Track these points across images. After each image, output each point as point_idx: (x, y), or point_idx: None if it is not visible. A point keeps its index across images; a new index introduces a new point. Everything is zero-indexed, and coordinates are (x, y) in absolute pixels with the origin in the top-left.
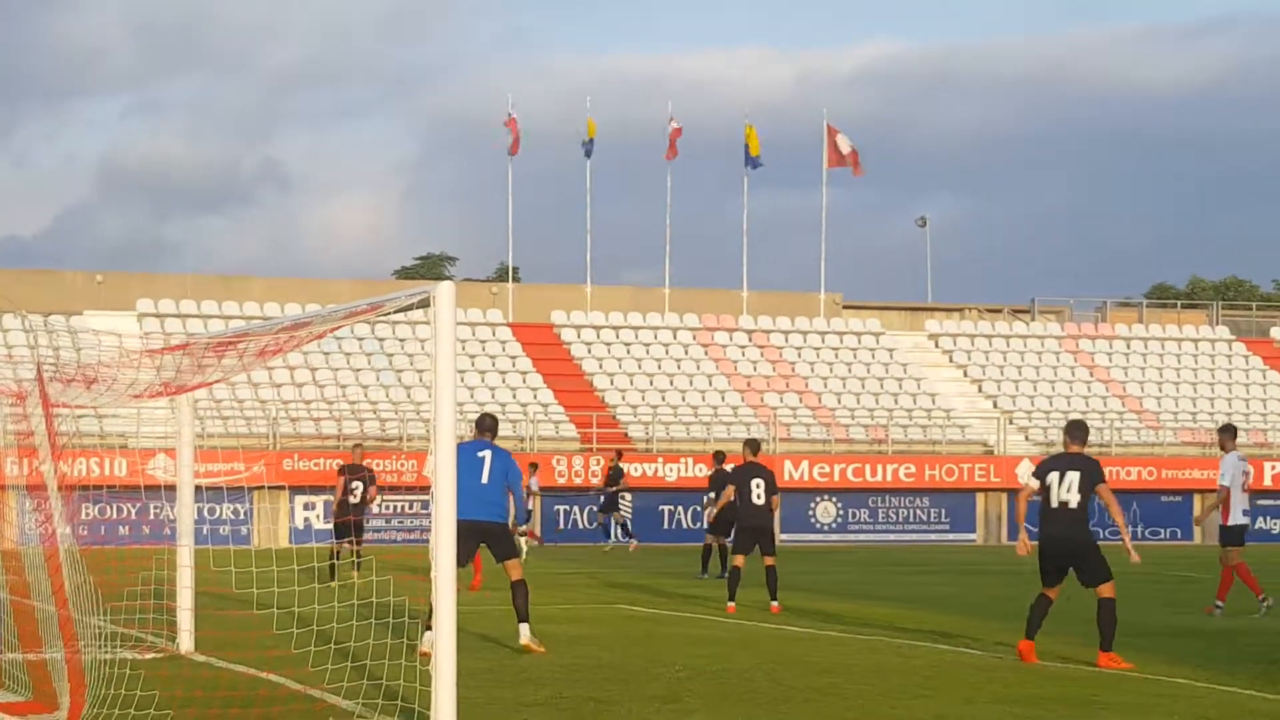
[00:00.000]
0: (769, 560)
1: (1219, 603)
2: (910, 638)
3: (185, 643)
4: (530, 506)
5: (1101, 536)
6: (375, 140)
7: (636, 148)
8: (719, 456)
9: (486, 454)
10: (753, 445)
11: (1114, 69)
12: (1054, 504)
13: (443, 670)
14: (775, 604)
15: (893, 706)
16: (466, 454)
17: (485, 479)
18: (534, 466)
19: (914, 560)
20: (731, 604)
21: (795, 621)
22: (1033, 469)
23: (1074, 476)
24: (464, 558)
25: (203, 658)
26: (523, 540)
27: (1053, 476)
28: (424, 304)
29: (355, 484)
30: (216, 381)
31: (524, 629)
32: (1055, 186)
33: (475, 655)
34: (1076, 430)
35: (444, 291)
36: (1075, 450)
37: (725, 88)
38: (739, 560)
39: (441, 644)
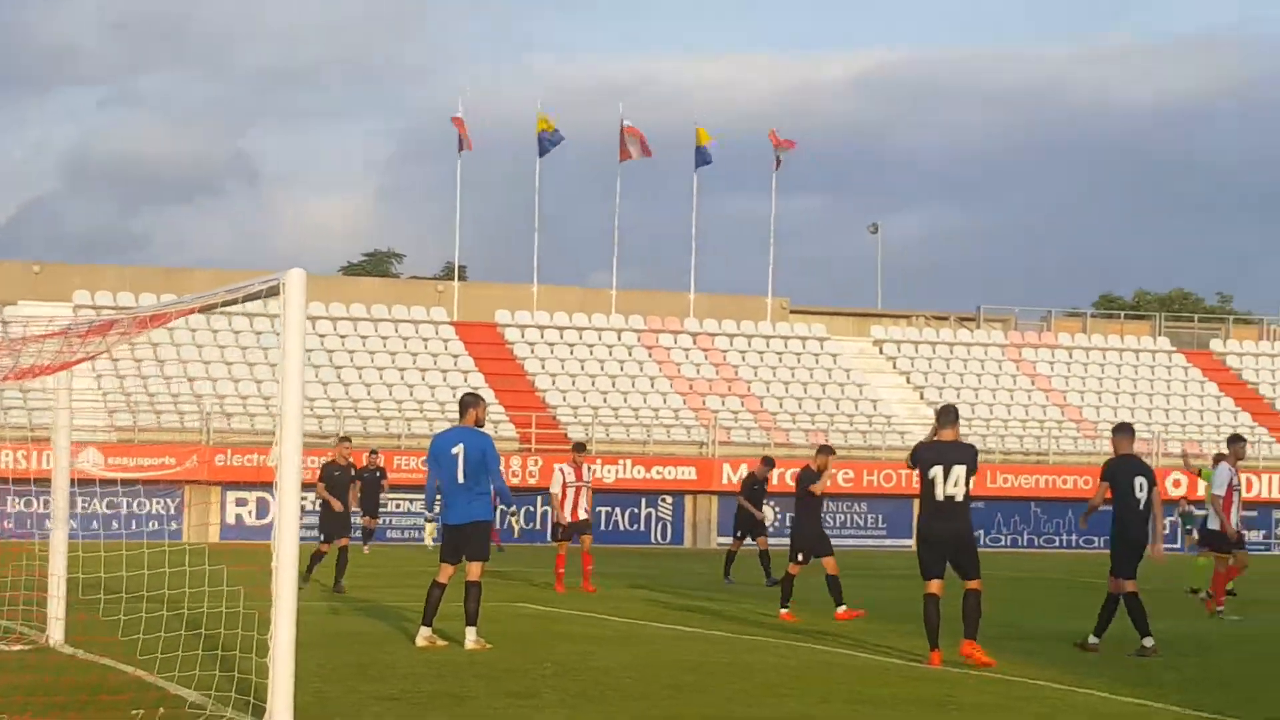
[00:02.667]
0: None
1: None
2: (798, 639)
3: (56, 633)
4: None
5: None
6: (343, 139)
7: (593, 150)
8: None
9: (460, 448)
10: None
11: (1075, 86)
12: (940, 498)
13: (280, 664)
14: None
15: (747, 705)
16: (442, 449)
17: (462, 477)
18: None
19: (847, 565)
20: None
21: (690, 621)
22: (909, 455)
23: (960, 471)
24: (452, 557)
25: (70, 649)
26: (512, 519)
27: (937, 470)
28: (274, 293)
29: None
30: (58, 368)
31: (470, 632)
32: (1013, 198)
33: (348, 649)
34: (948, 415)
35: (294, 280)
36: (951, 437)
37: (685, 92)
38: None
39: (280, 637)
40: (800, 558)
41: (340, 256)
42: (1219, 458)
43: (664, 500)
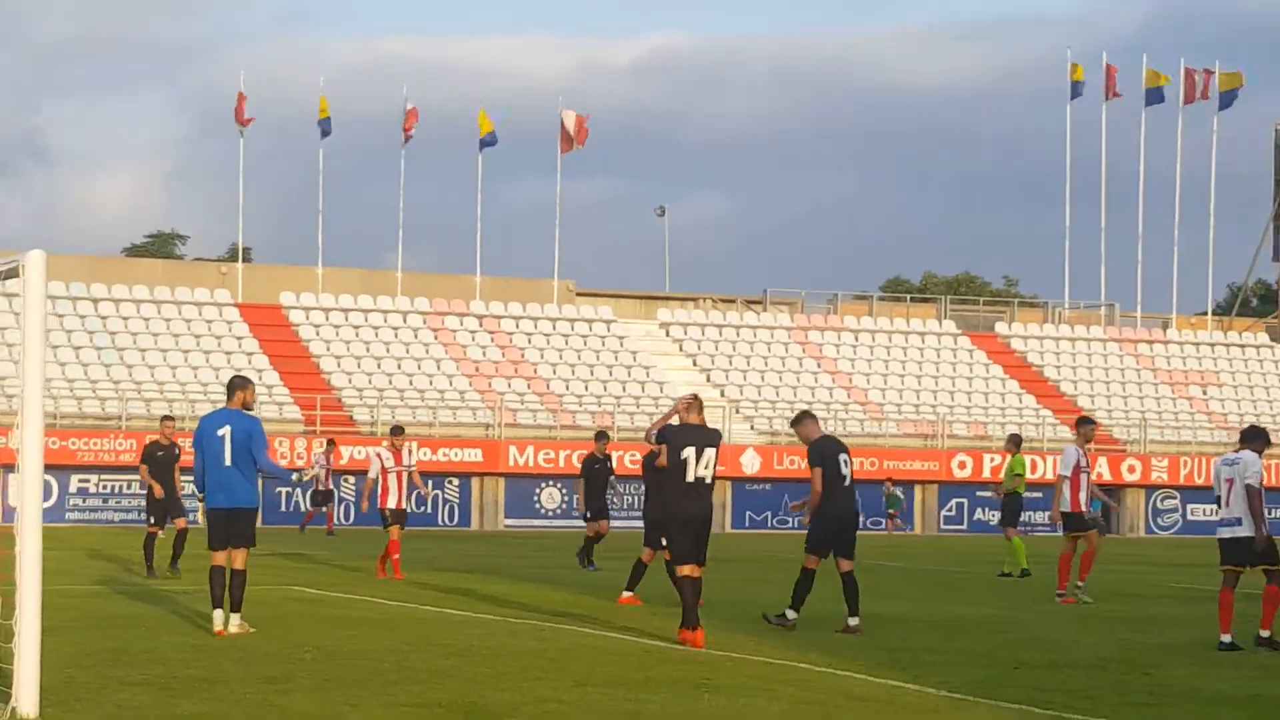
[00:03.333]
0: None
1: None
2: (566, 622)
3: None
4: (327, 486)
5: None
6: (133, 117)
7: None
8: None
9: (226, 431)
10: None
11: (864, 70)
12: (690, 479)
13: (25, 649)
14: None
15: (500, 689)
16: (208, 432)
17: (228, 460)
18: (330, 443)
19: (632, 547)
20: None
21: (462, 605)
22: (657, 433)
23: (711, 454)
24: (218, 543)
25: None
26: (309, 476)
27: (690, 452)
28: (13, 274)
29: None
30: None
31: (235, 618)
32: (803, 182)
33: (111, 634)
34: (698, 402)
35: (33, 261)
36: (699, 421)
37: (471, 73)
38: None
39: (25, 622)
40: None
41: (127, 237)
42: (1013, 441)
43: (450, 482)
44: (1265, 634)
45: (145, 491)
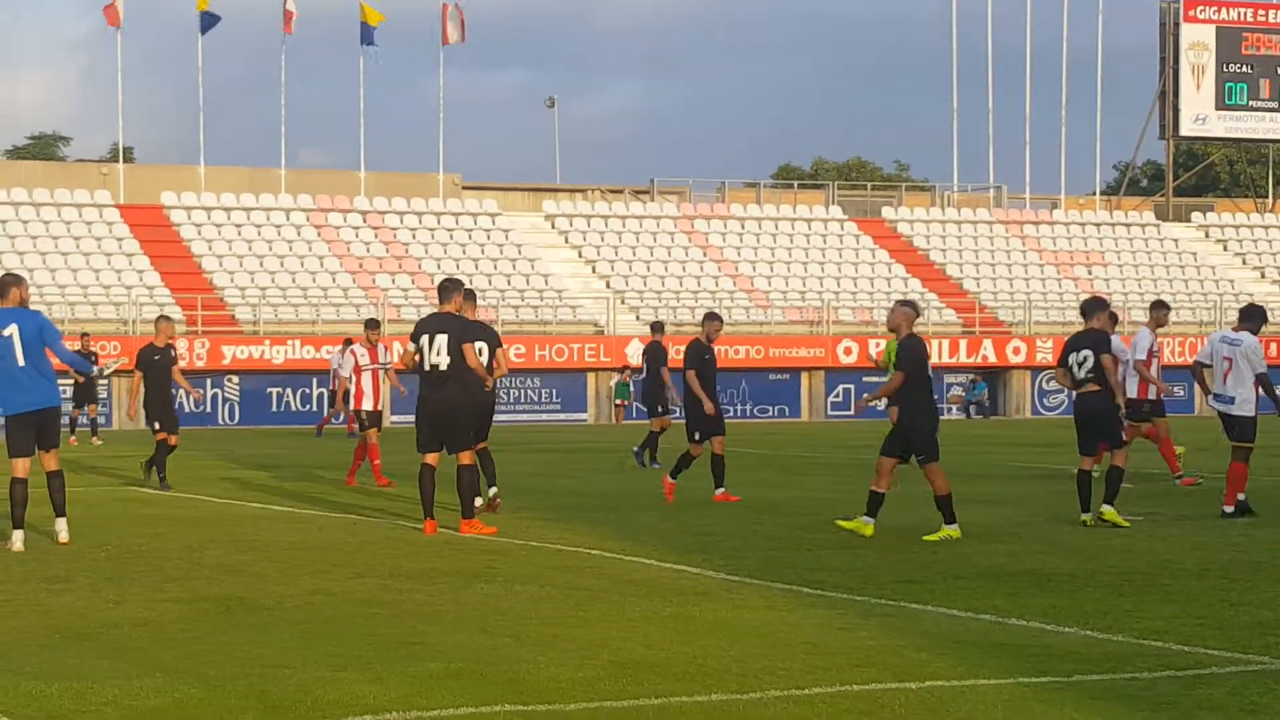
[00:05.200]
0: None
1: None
2: (382, 517)
3: None
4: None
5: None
6: (26, 15)
7: (257, 27)
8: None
9: (13, 330)
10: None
11: None
12: (426, 366)
13: None
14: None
15: (277, 583)
16: None
17: (21, 360)
18: (348, 343)
19: (521, 441)
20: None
21: (287, 502)
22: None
23: (442, 340)
24: (24, 449)
25: None
26: (110, 371)
27: (424, 340)
28: None
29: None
30: None
31: (61, 524)
32: (698, 71)
33: None
34: (444, 290)
35: None
36: (456, 310)
37: None
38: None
39: None
40: (697, 437)
41: (9, 140)
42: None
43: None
44: (1229, 509)
45: (144, 397)
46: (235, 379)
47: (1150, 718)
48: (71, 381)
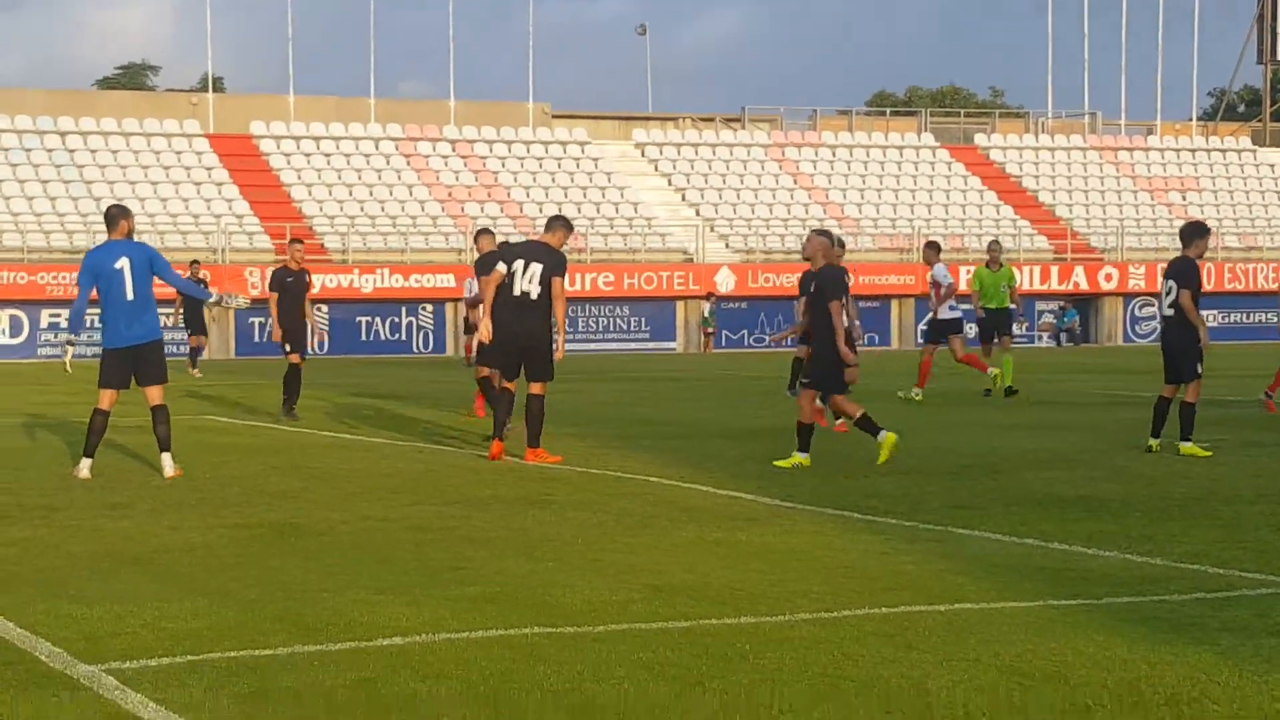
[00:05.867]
0: None
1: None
2: (450, 444)
3: None
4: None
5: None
6: None
7: None
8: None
9: (125, 263)
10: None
11: None
12: (517, 292)
13: None
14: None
15: (332, 509)
16: (104, 267)
17: (130, 293)
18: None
19: (612, 369)
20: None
21: (360, 431)
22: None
23: (536, 269)
24: (115, 382)
25: None
26: (235, 301)
27: (518, 264)
28: None
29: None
30: None
31: (166, 459)
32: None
33: None
34: (554, 223)
35: None
36: (554, 242)
37: None
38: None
39: None
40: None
41: (99, 70)
42: (993, 251)
43: (424, 309)
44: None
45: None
46: (324, 308)
47: (1172, 638)
48: (177, 311)
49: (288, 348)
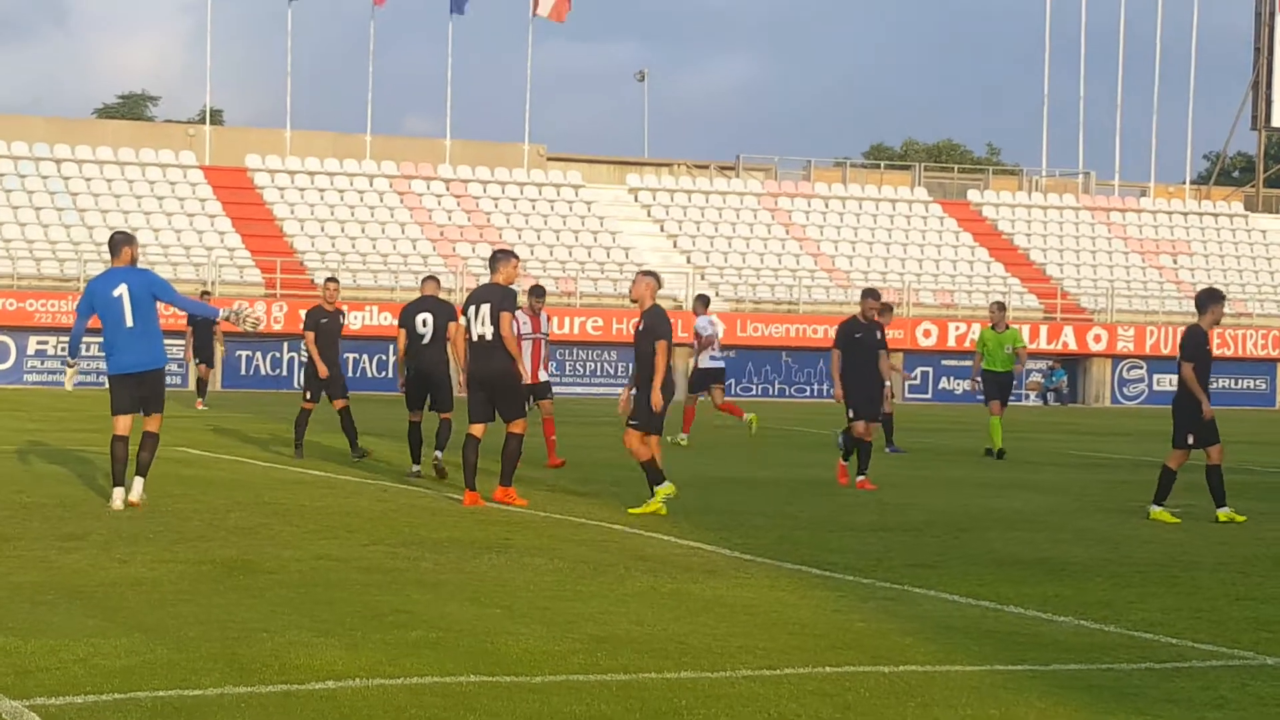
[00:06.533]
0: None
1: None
2: (419, 485)
3: None
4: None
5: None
6: None
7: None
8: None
9: (123, 289)
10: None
11: None
12: (473, 337)
13: None
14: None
15: (289, 547)
16: (101, 295)
17: (130, 320)
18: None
19: (587, 413)
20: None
21: (325, 467)
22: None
23: (485, 309)
24: (126, 407)
25: None
26: (250, 314)
27: (470, 311)
28: None
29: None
30: None
31: (138, 483)
32: (804, 47)
33: None
34: (496, 260)
35: None
36: (496, 279)
37: None
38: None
39: None
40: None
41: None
42: (997, 311)
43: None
44: None
45: (306, 361)
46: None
47: (1114, 708)
48: (188, 347)
49: (308, 395)
